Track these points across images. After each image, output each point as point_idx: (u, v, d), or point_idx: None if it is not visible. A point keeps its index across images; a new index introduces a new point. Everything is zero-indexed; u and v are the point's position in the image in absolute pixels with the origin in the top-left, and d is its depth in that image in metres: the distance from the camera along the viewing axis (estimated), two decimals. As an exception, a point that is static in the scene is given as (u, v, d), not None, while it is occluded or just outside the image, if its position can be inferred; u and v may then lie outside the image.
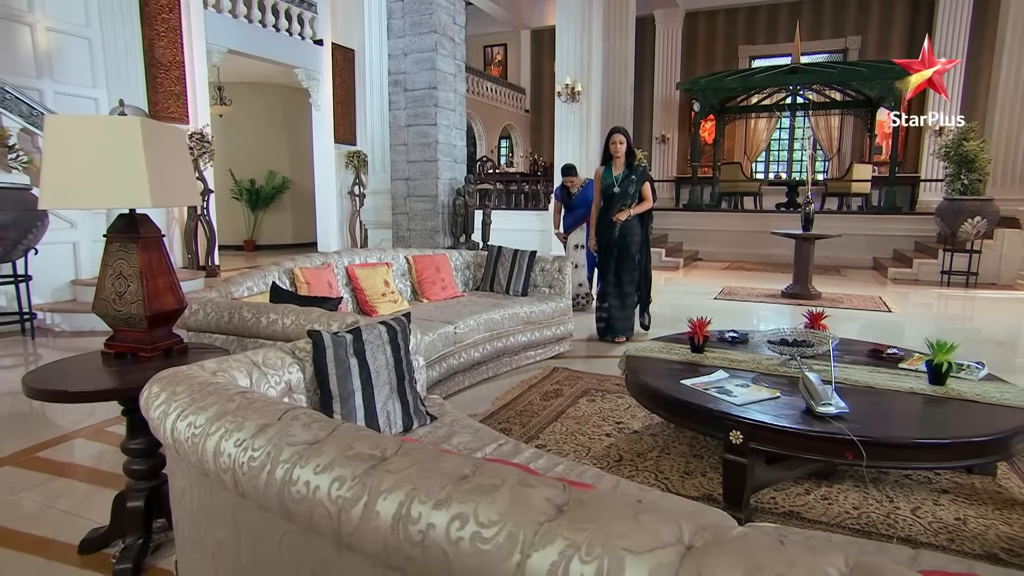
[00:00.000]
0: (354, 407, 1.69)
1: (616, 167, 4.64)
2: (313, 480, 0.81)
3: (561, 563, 0.59)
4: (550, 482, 0.70)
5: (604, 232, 4.69)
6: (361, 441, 0.85)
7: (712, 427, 2.16)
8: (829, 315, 6.17)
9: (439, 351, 3.26)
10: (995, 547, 2.03)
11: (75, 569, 1.88)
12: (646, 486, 1.65)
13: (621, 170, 4.64)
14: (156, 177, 1.73)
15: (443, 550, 0.66)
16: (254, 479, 0.89)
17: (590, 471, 1.58)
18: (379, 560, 0.73)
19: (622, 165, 4.64)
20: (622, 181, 4.60)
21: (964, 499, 2.35)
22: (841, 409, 2.07)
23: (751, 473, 2.11)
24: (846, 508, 2.29)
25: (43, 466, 2.61)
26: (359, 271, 3.65)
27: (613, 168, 4.64)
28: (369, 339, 1.76)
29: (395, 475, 0.75)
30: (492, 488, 0.69)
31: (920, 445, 1.93)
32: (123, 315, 1.90)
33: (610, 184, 4.62)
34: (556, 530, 0.62)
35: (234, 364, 1.55)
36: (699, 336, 2.80)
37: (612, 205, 4.61)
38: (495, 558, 0.63)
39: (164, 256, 1.97)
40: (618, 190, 4.59)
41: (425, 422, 1.90)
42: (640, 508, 0.64)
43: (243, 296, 2.77)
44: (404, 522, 0.70)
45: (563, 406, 3.34)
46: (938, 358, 2.41)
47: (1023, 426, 2.04)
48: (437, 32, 5.14)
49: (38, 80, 6.50)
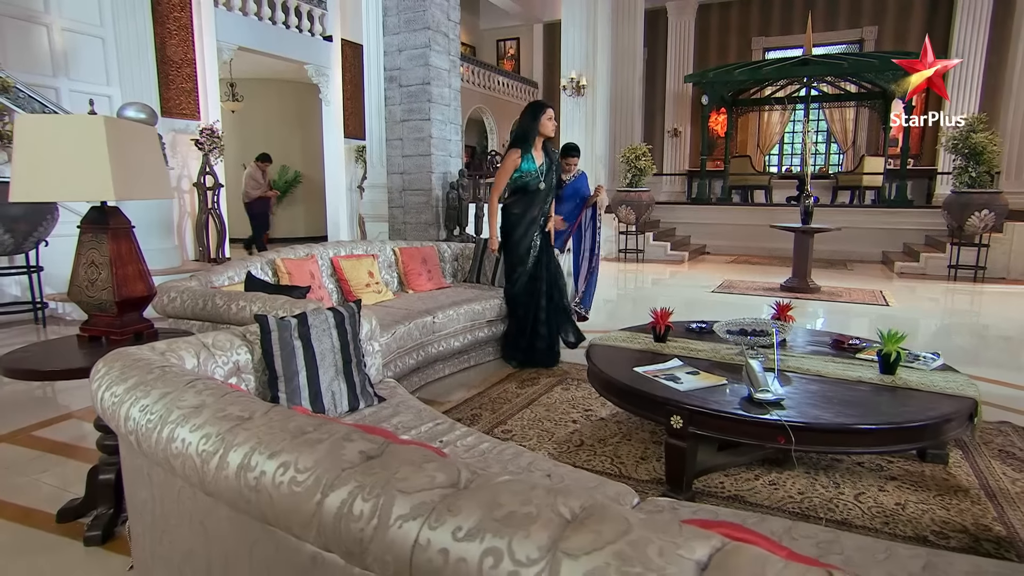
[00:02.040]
0: (298, 386, 1.81)
1: (537, 154, 3.79)
2: (188, 437, 0.92)
3: (349, 501, 0.70)
4: (372, 438, 0.81)
5: (524, 240, 3.84)
6: (235, 405, 0.96)
7: (656, 412, 2.24)
8: (824, 308, 6.23)
9: (416, 340, 3.37)
10: (926, 530, 2.09)
11: (51, 535, 2.03)
12: (563, 463, 1.75)
13: (542, 159, 3.82)
14: (120, 172, 1.86)
15: (269, 493, 0.77)
16: (149, 438, 1.00)
17: (511, 449, 1.68)
18: (230, 504, 0.84)
19: (542, 152, 3.82)
20: (547, 174, 3.83)
21: (910, 486, 2.40)
22: (779, 395, 2.13)
23: (691, 457, 2.19)
24: (791, 493, 2.35)
25: (36, 443, 2.79)
26: (344, 262, 3.78)
27: (534, 155, 3.77)
28: (315, 323, 1.88)
29: (248, 432, 0.86)
30: (317, 441, 0.80)
31: (848, 430, 1.99)
32: (95, 301, 2.04)
33: (535, 177, 3.78)
34: (353, 475, 0.72)
35: (183, 345, 1.67)
36: (660, 326, 2.87)
37: (534, 204, 3.83)
38: (303, 498, 0.73)
39: (134, 246, 2.10)
40: (544, 186, 3.82)
41: (372, 403, 2.01)
42: (427, 458, 0.74)
43: (223, 285, 2.91)
44: (245, 470, 0.81)
45: (537, 394, 3.44)
46: (887, 348, 2.45)
47: (954, 413, 2.09)
48: (431, 28, 5.24)
49: (54, 78, 6.75)
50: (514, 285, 3.90)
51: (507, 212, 3.89)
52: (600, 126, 9.87)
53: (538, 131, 3.74)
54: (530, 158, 3.76)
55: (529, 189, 3.81)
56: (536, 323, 3.86)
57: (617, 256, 9.96)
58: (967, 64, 11.61)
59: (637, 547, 0.57)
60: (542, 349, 3.87)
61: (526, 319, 3.88)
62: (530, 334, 3.87)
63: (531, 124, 3.74)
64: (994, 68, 12.41)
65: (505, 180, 3.81)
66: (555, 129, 3.87)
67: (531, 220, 3.84)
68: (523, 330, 3.89)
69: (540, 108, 3.77)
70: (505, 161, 3.80)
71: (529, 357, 3.89)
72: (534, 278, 3.86)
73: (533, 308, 3.87)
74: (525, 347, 3.90)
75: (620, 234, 9.86)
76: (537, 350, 3.85)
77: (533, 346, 3.87)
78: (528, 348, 3.89)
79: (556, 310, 3.96)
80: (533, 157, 3.77)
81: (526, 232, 3.84)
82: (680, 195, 14.46)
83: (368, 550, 0.67)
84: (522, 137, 3.77)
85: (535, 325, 3.86)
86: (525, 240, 3.85)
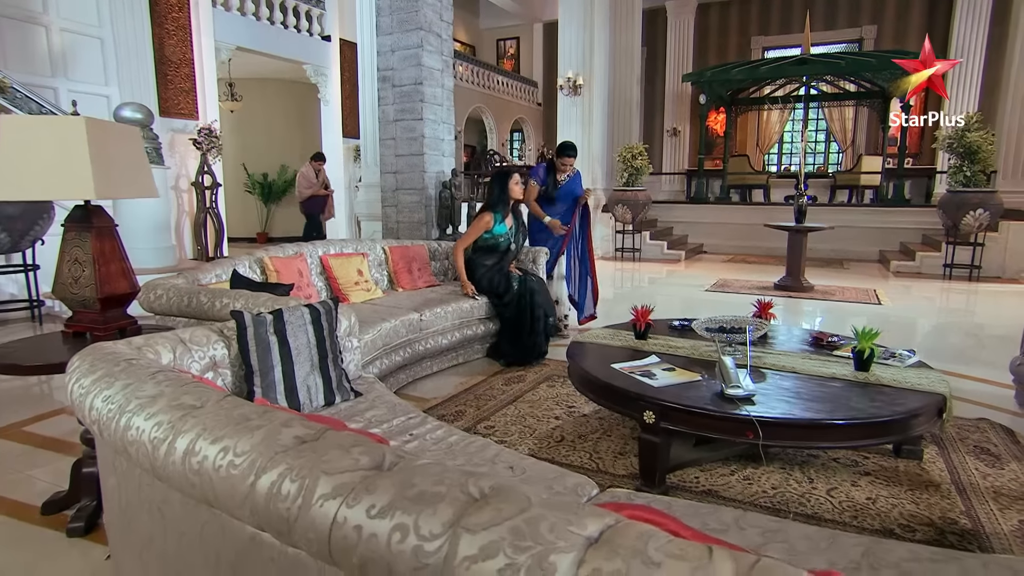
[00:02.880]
0: (274, 380, 1.85)
1: (507, 218, 4.07)
2: (142, 425, 0.96)
3: (278, 482, 0.74)
4: (310, 424, 0.85)
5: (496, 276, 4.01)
6: (190, 395, 1.00)
7: (630, 408, 2.28)
8: (816, 307, 6.26)
9: (402, 337, 3.42)
10: (894, 524, 2.12)
11: (35, 527, 2.08)
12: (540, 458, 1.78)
13: (512, 222, 4.10)
14: (101, 171, 1.91)
15: (211, 476, 0.81)
16: (109, 427, 1.05)
17: (478, 442, 1.72)
18: (179, 488, 0.89)
19: (511, 216, 4.10)
20: (515, 235, 4.13)
21: (883, 481, 2.43)
22: (749, 391, 2.17)
23: (664, 451, 2.23)
24: (765, 488, 2.39)
25: (27, 438, 2.84)
26: (333, 260, 3.82)
27: (503, 216, 4.04)
28: (291, 320, 1.92)
29: (196, 419, 0.91)
30: (257, 427, 0.84)
31: (816, 425, 2.03)
32: (79, 298, 2.09)
33: (505, 239, 4.05)
34: (284, 458, 0.77)
35: (160, 340, 1.72)
36: (641, 323, 2.91)
37: (503, 259, 4.07)
38: (238, 480, 0.77)
39: (117, 244, 2.15)
40: (513, 246, 4.11)
41: (348, 397, 2.06)
42: (356, 442, 0.78)
43: (211, 283, 2.96)
44: (190, 455, 0.85)
45: (522, 391, 3.48)
46: (861, 345, 2.49)
47: (922, 409, 2.12)
48: (423, 29, 5.28)
49: (52, 79, 6.81)
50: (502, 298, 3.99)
51: (476, 263, 4.06)
52: (597, 125, 9.90)
53: (508, 197, 4.02)
54: (501, 222, 4.03)
55: (497, 250, 4.05)
56: (523, 324, 3.92)
57: (614, 255, 9.99)
58: (966, 62, 11.60)
59: (532, 523, 0.61)
60: (529, 347, 3.92)
61: (514, 320, 3.95)
62: (517, 333, 3.92)
63: (501, 194, 4.02)
64: (993, 65, 12.39)
65: (474, 237, 4.03)
66: (522, 192, 4.15)
67: (499, 268, 4.04)
68: (510, 330, 3.95)
69: (507, 176, 4.05)
70: (478, 222, 4.04)
71: (516, 355, 3.93)
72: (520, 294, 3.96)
73: (521, 311, 3.95)
74: (512, 345, 3.95)
75: (617, 233, 9.89)
76: (524, 348, 3.89)
77: (520, 344, 3.91)
78: (515, 346, 3.94)
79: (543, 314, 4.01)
80: (504, 222, 4.04)
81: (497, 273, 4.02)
82: (680, 194, 14.47)
83: (294, 528, 0.71)
84: (496, 203, 4.04)
85: (522, 326, 3.93)
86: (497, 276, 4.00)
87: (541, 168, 4.76)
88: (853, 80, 11.84)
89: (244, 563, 0.84)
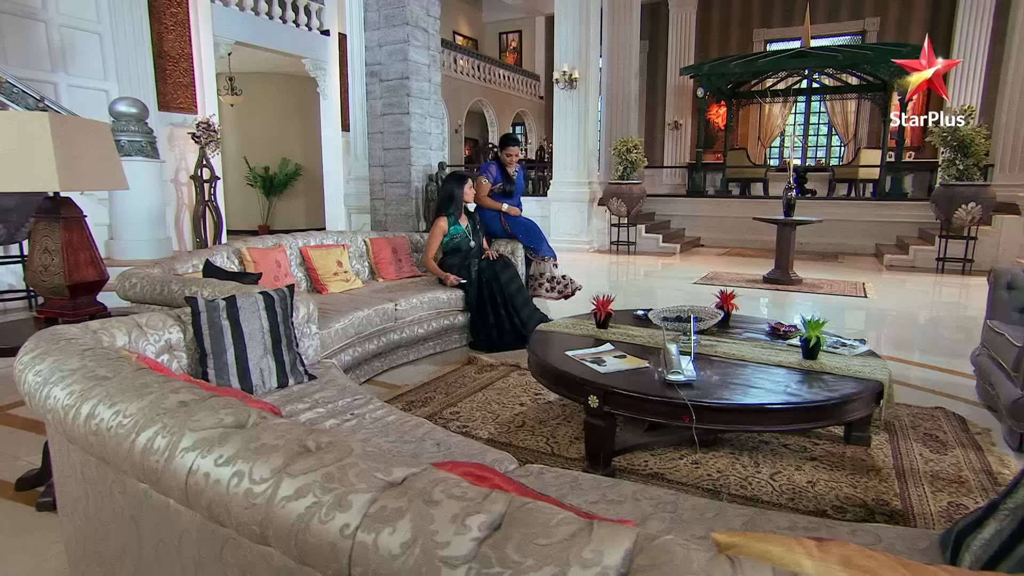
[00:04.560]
0: (226, 363, 1.95)
1: (461, 219, 4.25)
2: (58, 394, 1.06)
3: (153, 438, 0.84)
4: (197, 391, 0.95)
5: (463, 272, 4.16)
6: (105, 367, 1.10)
7: (577, 393, 2.37)
8: (799, 299, 6.30)
9: (376, 326, 3.52)
10: (828, 505, 2.20)
11: (7, 502, 2.20)
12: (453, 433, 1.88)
13: (467, 222, 4.29)
14: (65, 164, 2.01)
15: (104, 436, 0.91)
16: (35, 398, 1.15)
17: (412, 421, 1.82)
18: (84, 448, 0.99)
19: (465, 217, 4.29)
20: (474, 234, 4.33)
21: (827, 466, 2.51)
22: (689, 377, 2.25)
23: (608, 434, 2.32)
24: (711, 472, 2.47)
25: (9, 420, 2.97)
26: (312, 252, 3.93)
27: (455, 218, 4.23)
28: (244, 305, 2.02)
29: (103, 388, 1.00)
30: (149, 393, 0.94)
31: (748, 409, 2.11)
32: (49, 285, 2.21)
33: (464, 238, 4.26)
34: (162, 418, 0.86)
35: (116, 324, 1.82)
36: (601, 313, 2.99)
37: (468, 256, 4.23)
38: (123, 438, 0.87)
39: (85, 234, 2.26)
40: (473, 244, 4.29)
41: (302, 380, 2.16)
42: (227, 405, 0.87)
43: (187, 272, 3.07)
44: (91, 419, 0.95)
45: (492, 379, 3.57)
46: (809, 334, 2.56)
47: (856, 395, 2.20)
48: (409, 24, 5.36)
49: (52, 73, 6.96)
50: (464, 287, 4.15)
51: (446, 264, 4.23)
52: (592, 119, 9.94)
53: (461, 199, 4.24)
54: (456, 223, 4.24)
55: (461, 249, 4.25)
56: (485, 312, 4.08)
57: (609, 248, 10.06)
58: (970, 56, 11.52)
59: (343, 470, 0.70)
60: (507, 331, 4.07)
61: (476, 308, 4.11)
62: (482, 321, 4.08)
63: (451, 197, 4.23)
64: (998, 60, 12.28)
65: (437, 244, 4.21)
66: (473, 196, 4.40)
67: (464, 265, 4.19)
68: (476, 318, 4.11)
69: (461, 180, 4.27)
70: (434, 229, 4.22)
71: (482, 342, 4.09)
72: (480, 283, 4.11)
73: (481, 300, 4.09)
74: (476, 333, 4.13)
75: (612, 226, 9.94)
76: (488, 335, 4.05)
77: (485, 331, 4.08)
78: (479, 333, 4.11)
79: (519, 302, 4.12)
80: (459, 222, 4.25)
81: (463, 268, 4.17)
82: (681, 188, 14.48)
83: (161, 478, 0.81)
84: (446, 205, 4.24)
85: (484, 313, 4.08)
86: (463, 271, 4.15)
87: (494, 166, 4.88)
88: (854, 73, 11.79)
89: (141, 515, 0.94)
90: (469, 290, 4.11)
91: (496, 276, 4.08)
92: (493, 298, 4.06)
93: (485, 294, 4.07)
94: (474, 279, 4.11)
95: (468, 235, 4.28)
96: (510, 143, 4.85)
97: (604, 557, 0.57)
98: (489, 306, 4.06)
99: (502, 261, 4.24)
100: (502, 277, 4.10)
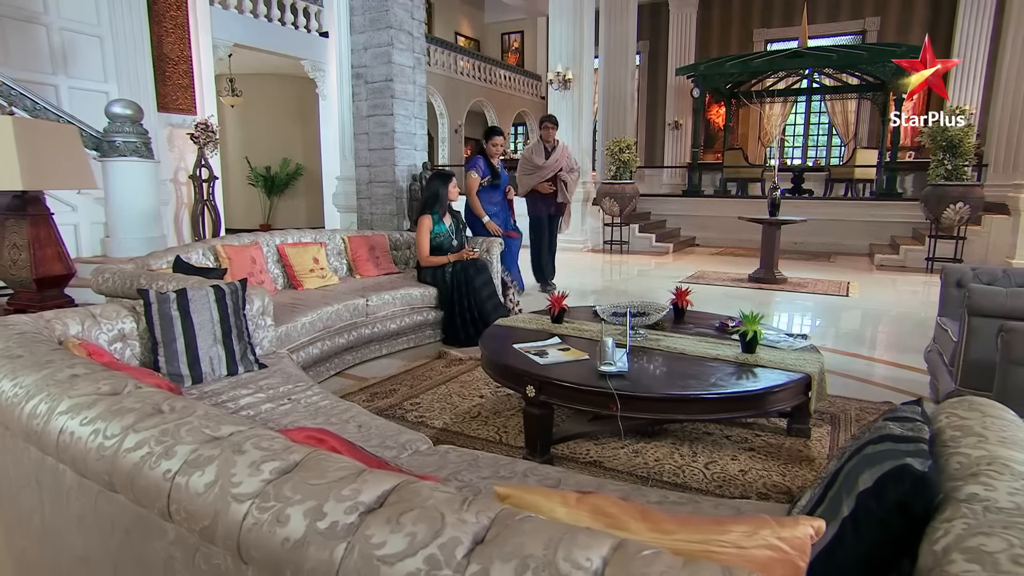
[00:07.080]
0: (176, 351, 2.09)
1: (445, 217, 4.36)
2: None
3: (37, 404, 0.96)
4: (92, 365, 1.07)
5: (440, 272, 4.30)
6: (23, 348, 1.23)
7: (517, 383, 2.48)
8: (780, 298, 6.37)
9: (346, 320, 3.65)
10: (753, 492, 2.30)
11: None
12: (376, 417, 2.00)
13: (450, 221, 4.39)
14: (29, 165, 2.15)
15: (2, 403, 1.04)
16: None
17: (343, 406, 1.94)
18: None
19: (449, 216, 4.39)
20: (457, 232, 4.43)
21: (763, 456, 2.60)
22: (621, 369, 2.35)
23: (545, 423, 2.43)
24: (648, 460, 2.57)
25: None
26: (289, 249, 4.06)
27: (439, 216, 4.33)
28: (195, 297, 2.15)
29: (12, 366, 1.13)
30: (48, 367, 1.06)
31: (673, 399, 2.21)
32: (17, 278, 2.35)
33: (447, 236, 4.34)
34: (49, 388, 0.99)
35: (70, 314, 1.96)
36: (555, 308, 3.10)
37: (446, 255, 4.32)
38: (15, 405, 1.00)
39: (52, 230, 2.40)
40: (456, 243, 4.38)
41: (252, 369, 2.29)
42: (110, 377, 1.00)
43: (160, 268, 3.20)
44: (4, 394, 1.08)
45: (459, 373, 3.69)
46: (746, 328, 2.65)
47: (780, 387, 2.29)
48: (393, 27, 5.49)
49: (53, 76, 7.16)
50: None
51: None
52: (586, 119, 10.02)
53: (446, 198, 4.34)
54: (439, 221, 4.32)
55: (443, 248, 4.32)
56: (452, 309, 4.22)
57: (602, 248, 10.14)
58: (970, 55, 11.50)
59: (178, 427, 0.82)
60: (459, 329, 4.21)
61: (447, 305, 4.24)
62: (451, 317, 4.22)
63: (436, 196, 4.32)
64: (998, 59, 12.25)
65: (426, 242, 4.29)
66: (458, 194, 4.50)
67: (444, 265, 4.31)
68: (454, 316, 4.21)
69: (446, 179, 4.36)
70: (420, 227, 4.31)
71: (452, 337, 4.23)
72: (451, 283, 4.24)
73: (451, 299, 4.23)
74: (446, 329, 4.26)
75: (605, 226, 10.03)
76: (456, 330, 4.19)
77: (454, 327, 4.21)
78: (448, 329, 4.25)
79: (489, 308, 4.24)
80: (442, 220, 4.33)
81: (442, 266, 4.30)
82: (681, 187, 14.51)
83: (41, 440, 0.93)
84: (431, 204, 4.33)
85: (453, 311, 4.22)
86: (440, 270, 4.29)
87: (480, 160, 5.06)
88: (854, 73, 11.80)
89: (41, 477, 1.07)
90: (442, 288, 4.23)
91: (469, 279, 4.21)
92: (462, 300, 4.19)
93: (455, 296, 4.20)
94: (448, 281, 4.23)
95: (451, 234, 4.38)
96: (494, 133, 5.02)
97: (361, 495, 0.68)
98: (458, 307, 4.20)
99: (475, 266, 4.33)
100: (476, 280, 4.22)
